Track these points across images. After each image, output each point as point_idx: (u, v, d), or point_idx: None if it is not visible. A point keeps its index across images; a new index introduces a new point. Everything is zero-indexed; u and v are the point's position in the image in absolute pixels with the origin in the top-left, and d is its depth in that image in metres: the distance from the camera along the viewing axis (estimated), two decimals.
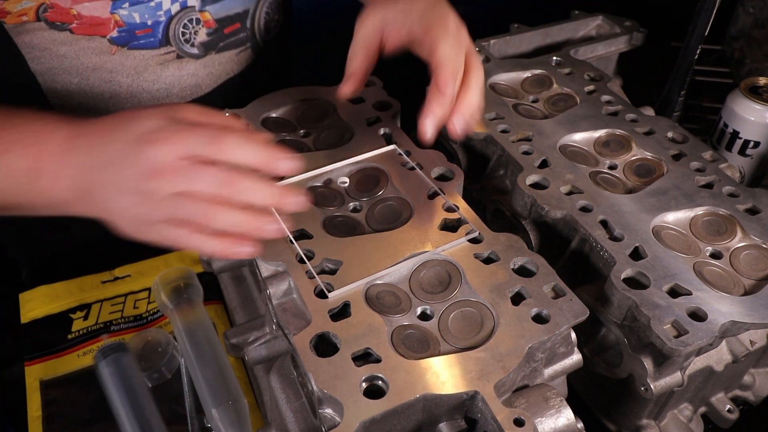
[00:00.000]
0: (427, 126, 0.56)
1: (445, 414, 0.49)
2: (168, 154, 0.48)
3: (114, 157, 0.50)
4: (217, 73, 0.83)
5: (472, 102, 0.58)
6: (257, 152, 0.50)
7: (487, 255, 0.57)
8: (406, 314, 0.53)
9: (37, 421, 0.66)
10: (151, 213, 0.49)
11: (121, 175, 0.49)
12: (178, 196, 0.48)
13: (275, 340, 0.59)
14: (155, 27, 0.74)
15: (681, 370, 0.57)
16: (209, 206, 0.48)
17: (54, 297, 0.77)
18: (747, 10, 1.07)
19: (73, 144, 0.51)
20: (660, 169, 0.69)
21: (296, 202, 0.50)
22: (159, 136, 0.48)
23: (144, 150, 0.48)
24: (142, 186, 0.48)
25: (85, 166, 0.51)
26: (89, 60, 0.73)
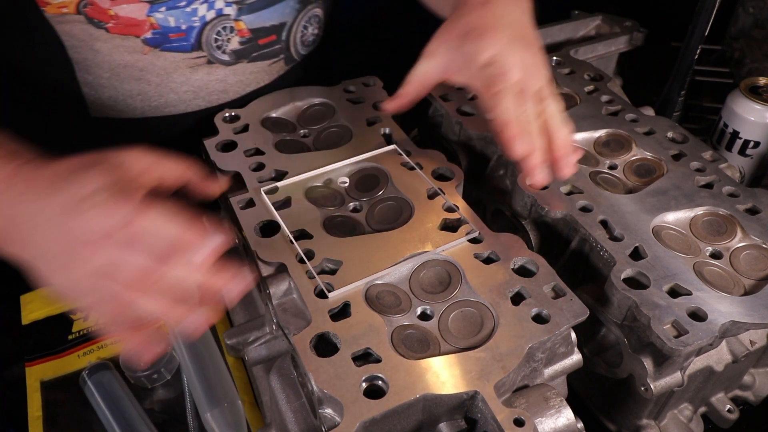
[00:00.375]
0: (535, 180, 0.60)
1: (445, 414, 0.49)
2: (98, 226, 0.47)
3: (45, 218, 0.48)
4: (246, 81, 0.83)
5: (559, 145, 0.60)
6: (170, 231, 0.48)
7: (487, 255, 0.57)
8: (406, 314, 0.53)
9: (38, 421, 0.66)
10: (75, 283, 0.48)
11: (46, 239, 0.48)
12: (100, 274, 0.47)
13: (275, 340, 0.59)
14: (189, 32, 0.75)
15: (681, 370, 0.57)
16: (129, 291, 0.47)
17: (55, 298, 0.77)
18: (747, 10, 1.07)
19: (8, 186, 0.50)
20: (660, 169, 0.69)
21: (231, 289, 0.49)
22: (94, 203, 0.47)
23: (75, 218, 0.47)
24: (65, 254, 0.47)
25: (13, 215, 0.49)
26: (122, 57, 0.74)
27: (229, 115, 0.73)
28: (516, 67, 0.59)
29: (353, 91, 0.78)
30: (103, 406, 0.64)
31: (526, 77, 0.60)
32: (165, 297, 0.47)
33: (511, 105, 0.58)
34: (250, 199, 0.62)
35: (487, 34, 0.61)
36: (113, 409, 0.64)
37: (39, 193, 0.49)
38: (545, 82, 0.62)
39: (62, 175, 0.50)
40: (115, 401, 0.65)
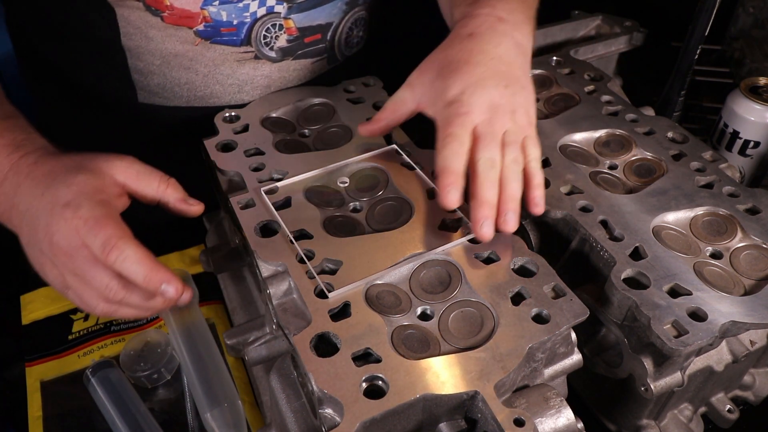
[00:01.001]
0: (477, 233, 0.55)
1: (445, 414, 0.49)
2: (66, 238, 0.52)
3: (30, 210, 0.54)
4: (289, 78, 0.85)
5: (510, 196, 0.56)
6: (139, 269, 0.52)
7: (487, 255, 0.57)
8: (406, 314, 0.53)
9: (38, 421, 0.66)
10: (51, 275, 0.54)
11: (33, 232, 0.54)
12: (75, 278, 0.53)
13: (275, 340, 0.59)
14: (240, 27, 0.77)
15: (681, 370, 0.57)
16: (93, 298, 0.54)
17: (55, 298, 0.77)
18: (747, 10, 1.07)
19: (11, 177, 0.55)
20: (660, 169, 0.69)
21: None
22: (63, 215, 0.52)
23: (50, 223, 0.52)
24: (47, 251, 0.53)
25: (12, 200, 0.55)
26: (173, 46, 0.77)
27: (229, 115, 0.73)
28: (480, 107, 0.57)
29: (353, 91, 0.78)
30: (107, 403, 0.64)
31: (492, 119, 0.57)
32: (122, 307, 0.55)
33: (452, 152, 0.55)
34: (250, 199, 0.62)
35: (461, 69, 0.59)
36: (118, 405, 0.64)
37: (32, 189, 0.54)
38: (516, 125, 0.58)
39: (54, 175, 0.55)
40: (120, 398, 0.64)
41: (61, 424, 0.66)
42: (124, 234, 0.52)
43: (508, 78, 0.59)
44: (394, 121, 0.66)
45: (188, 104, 0.83)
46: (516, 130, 0.58)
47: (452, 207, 0.55)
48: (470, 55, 0.60)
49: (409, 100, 0.64)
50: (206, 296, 0.76)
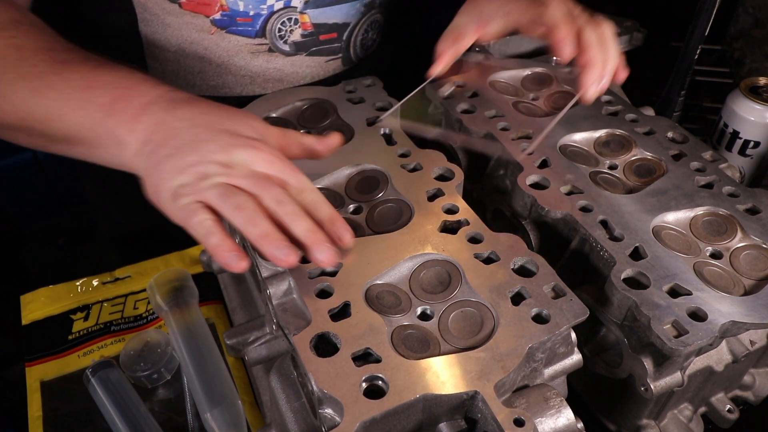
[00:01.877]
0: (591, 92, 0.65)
1: (445, 414, 0.49)
2: (252, 160, 0.51)
3: (198, 131, 0.52)
4: (302, 74, 0.86)
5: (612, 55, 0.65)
6: (327, 210, 0.53)
7: (487, 255, 0.57)
8: (406, 314, 0.53)
9: (38, 421, 0.66)
10: (193, 189, 0.50)
11: (194, 148, 0.51)
12: (229, 187, 0.50)
13: (275, 340, 0.59)
14: (256, 18, 0.78)
15: (681, 370, 0.57)
16: (252, 203, 0.50)
17: (54, 298, 0.77)
18: (747, 10, 1.07)
19: (159, 100, 0.54)
20: (660, 169, 0.69)
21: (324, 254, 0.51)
22: (255, 146, 0.52)
23: (233, 145, 0.52)
24: (207, 166, 0.50)
25: (162, 122, 0.53)
26: (189, 34, 0.78)
27: None
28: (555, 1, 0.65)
29: (353, 90, 0.78)
30: (107, 403, 0.64)
31: (564, 2, 0.65)
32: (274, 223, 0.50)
33: (558, 12, 0.63)
34: None
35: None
36: (118, 405, 0.64)
37: (200, 114, 0.54)
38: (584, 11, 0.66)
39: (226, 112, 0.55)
40: (120, 398, 0.64)
41: (61, 424, 0.66)
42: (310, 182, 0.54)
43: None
44: (457, 51, 0.69)
45: (200, 93, 0.83)
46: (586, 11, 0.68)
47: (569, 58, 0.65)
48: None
49: (468, 22, 0.68)
50: (206, 296, 0.76)
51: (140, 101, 0.55)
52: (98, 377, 0.66)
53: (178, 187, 0.51)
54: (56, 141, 0.58)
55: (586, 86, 0.63)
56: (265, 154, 0.52)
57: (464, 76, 0.80)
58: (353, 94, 0.77)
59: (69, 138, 0.57)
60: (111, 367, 0.67)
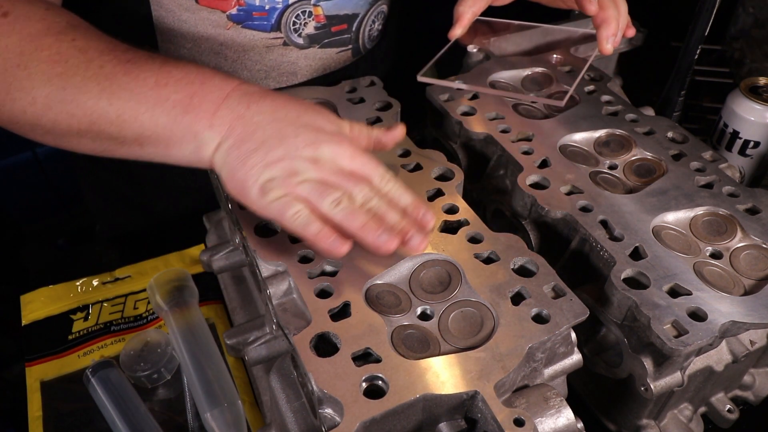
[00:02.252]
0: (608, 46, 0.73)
1: (445, 414, 0.49)
2: (337, 155, 0.53)
3: (280, 126, 0.53)
4: (315, 66, 0.86)
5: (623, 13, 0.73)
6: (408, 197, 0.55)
7: (487, 255, 0.57)
8: (406, 314, 0.53)
9: (38, 421, 0.66)
10: (284, 183, 0.51)
11: (280, 142, 0.52)
12: (322, 184, 0.52)
13: (275, 340, 0.59)
14: (271, 12, 0.78)
15: (681, 370, 0.57)
16: (346, 199, 0.52)
17: (54, 298, 0.77)
18: (747, 10, 1.07)
19: (235, 95, 0.54)
20: (660, 169, 0.69)
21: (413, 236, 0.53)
22: (338, 139, 0.53)
23: (318, 139, 0.53)
24: (296, 162, 0.52)
25: (241, 116, 0.53)
26: (205, 29, 0.78)
27: None
28: None
29: (353, 90, 0.78)
30: (107, 403, 0.64)
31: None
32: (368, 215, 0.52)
33: None
34: None
35: None
36: (118, 405, 0.64)
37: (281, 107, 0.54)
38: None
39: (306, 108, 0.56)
40: (120, 398, 0.64)
41: (61, 424, 0.66)
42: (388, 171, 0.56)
43: None
44: (476, 11, 0.73)
45: None
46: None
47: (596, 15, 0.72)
48: None
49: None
50: (206, 296, 0.76)
51: (216, 96, 0.54)
52: (98, 377, 0.66)
53: (266, 181, 0.51)
54: (127, 143, 0.57)
55: (605, 40, 0.72)
56: (349, 148, 0.54)
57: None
58: (353, 94, 0.77)
59: (143, 138, 0.56)
60: (111, 367, 0.67)
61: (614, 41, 0.73)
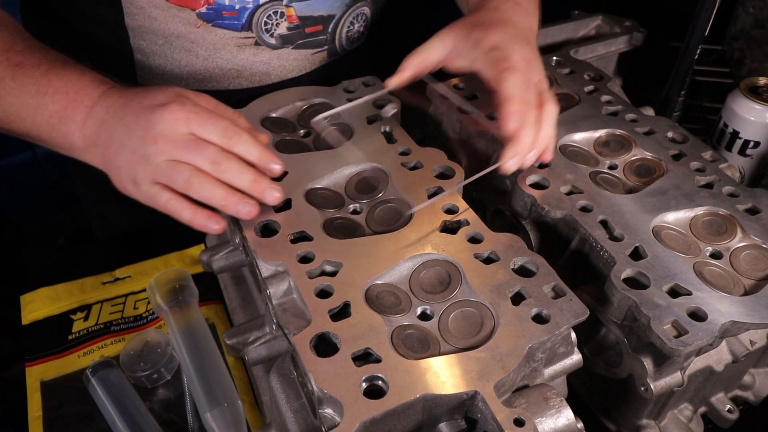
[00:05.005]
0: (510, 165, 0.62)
1: (445, 414, 0.49)
2: (171, 125, 0.56)
3: (126, 119, 0.58)
4: (289, 67, 0.86)
5: (543, 137, 0.63)
6: (255, 151, 0.58)
7: (487, 255, 0.57)
8: (406, 314, 0.53)
9: (38, 421, 0.66)
10: (144, 173, 0.56)
11: (128, 136, 0.57)
12: (170, 163, 0.56)
13: (275, 340, 0.59)
14: (242, 12, 0.78)
15: (681, 370, 0.57)
16: (196, 175, 0.55)
17: (55, 298, 0.77)
18: (747, 10, 1.07)
19: (100, 102, 0.60)
20: (660, 169, 0.69)
21: (270, 192, 0.58)
22: (167, 108, 0.56)
23: (151, 117, 0.56)
24: (141, 149, 0.56)
25: (103, 122, 0.59)
26: (176, 27, 0.78)
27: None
28: (518, 56, 0.63)
29: (353, 91, 0.78)
30: (107, 403, 0.64)
31: (528, 68, 0.63)
32: (226, 186, 0.57)
33: (518, 83, 0.61)
34: None
35: (495, 26, 0.65)
36: (118, 405, 0.64)
37: (123, 103, 0.59)
38: (543, 78, 0.65)
39: (142, 92, 0.60)
40: (120, 398, 0.65)
41: (61, 424, 0.66)
42: (235, 124, 0.59)
43: (531, 41, 0.67)
44: (420, 70, 0.68)
45: (188, 87, 0.83)
46: (545, 81, 0.65)
47: (513, 132, 0.61)
48: (500, 21, 0.67)
49: (438, 49, 0.67)
50: (206, 296, 0.76)
51: (86, 105, 0.60)
52: (98, 377, 0.66)
53: (134, 177, 0.57)
54: (21, 136, 0.63)
55: (506, 159, 0.62)
56: (180, 113, 0.56)
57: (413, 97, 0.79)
58: (353, 93, 0.77)
59: (30, 137, 0.63)
60: (111, 367, 0.67)
61: (518, 162, 0.62)
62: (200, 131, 0.56)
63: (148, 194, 0.57)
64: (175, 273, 0.74)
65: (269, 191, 0.58)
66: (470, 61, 0.65)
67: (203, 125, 0.56)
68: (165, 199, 0.57)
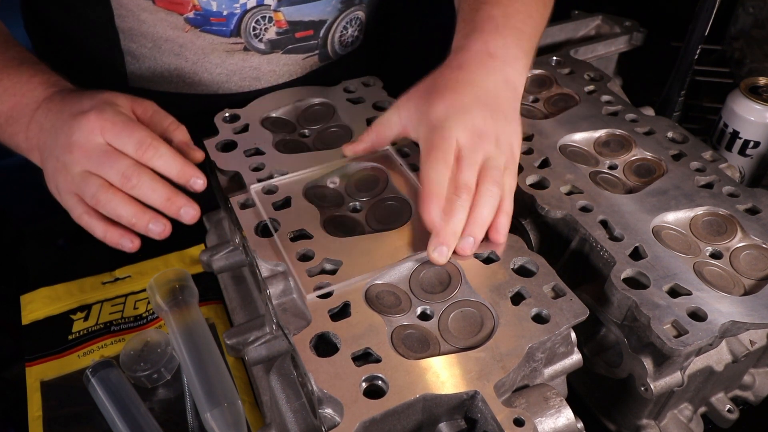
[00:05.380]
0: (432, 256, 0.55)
1: (445, 414, 0.49)
2: (87, 135, 0.55)
3: (56, 125, 0.58)
4: (279, 72, 0.86)
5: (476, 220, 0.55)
6: (175, 164, 0.56)
7: (487, 255, 0.57)
8: (406, 314, 0.53)
9: (38, 421, 0.66)
10: (64, 183, 0.56)
11: (54, 143, 0.57)
12: (83, 174, 0.55)
13: (275, 340, 0.59)
14: (230, 18, 0.78)
15: (681, 370, 0.57)
16: (104, 190, 0.55)
17: (55, 298, 0.77)
18: (747, 10, 1.07)
19: (43, 105, 0.60)
20: (660, 169, 0.69)
21: (186, 211, 0.56)
22: (86, 116, 0.55)
23: (72, 125, 0.56)
24: (62, 157, 0.56)
25: (41, 126, 0.59)
26: (164, 31, 0.78)
27: (229, 115, 0.73)
28: (463, 131, 0.56)
29: (353, 91, 0.78)
30: (107, 403, 0.64)
31: (475, 144, 0.56)
32: (136, 203, 0.55)
33: (438, 167, 0.55)
34: (250, 199, 0.62)
35: (446, 95, 0.59)
36: (118, 405, 0.64)
37: (60, 107, 0.59)
38: (500, 151, 0.57)
39: (80, 94, 0.60)
40: (120, 398, 0.65)
41: (61, 424, 0.66)
42: (155, 135, 0.56)
43: (492, 109, 0.59)
44: (378, 143, 0.65)
45: (177, 90, 0.83)
46: (498, 155, 0.57)
47: (429, 223, 0.55)
48: (456, 84, 0.60)
49: (395, 122, 0.63)
50: (206, 296, 0.76)
51: (31, 108, 0.60)
52: (98, 377, 0.66)
53: (57, 185, 0.57)
54: None
55: (429, 250, 0.54)
56: (96, 122, 0.55)
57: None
58: (353, 94, 0.77)
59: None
60: (111, 367, 0.67)
61: (445, 253, 0.54)
62: (115, 142, 0.55)
63: (68, 205, 0.57)
64: (175, 273, 0.74)
65: (185, 210, 0.56)
66: (416, 136, 0.60)
67: (118, 136, 0.55)
68: (78, 213, 0.56)
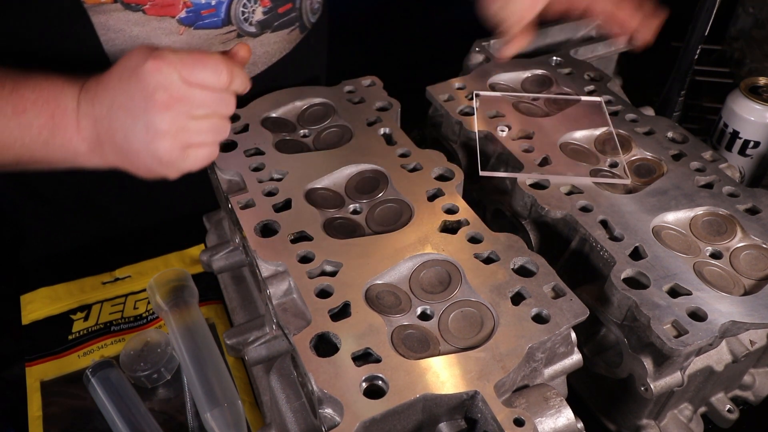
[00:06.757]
0: None
1: (445, 414, 0.49)
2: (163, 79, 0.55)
3: (118, 100, 0.56)
4: (271, 51, 0.86)
5: None
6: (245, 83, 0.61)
7: (487, 255, 0.57)
8: (406, 314, 0.53)
9: (38, 421, 0.66)
10: (173, 143, 0.56)
11: (129, 115, 0.56)
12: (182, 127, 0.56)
13: (275, 340, 0.59)
14: (219, 6, 0.78)
15: (681, 370, 0.57)
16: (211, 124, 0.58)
17: (55, 298, 0.77)
18: (747, 10, 1.07)
19: (83, 98, 0.58)
20: (660, 169, 0.69)
21: None
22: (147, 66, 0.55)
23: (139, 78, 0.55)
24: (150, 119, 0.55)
25: (95, 116, 0.58)
26: (159, 40, 0.77)
27: None
28: None
29: (353, 91, 0.78)
30: (107, 403, 0.64)
31: None
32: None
33: None
34: (250, 199, 0.62)
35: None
36: (118, 405, 0.64)
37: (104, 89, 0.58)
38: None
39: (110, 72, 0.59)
40: (120, 398, 0.65)
41: (61, 424, 0.66)
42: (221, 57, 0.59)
43: None
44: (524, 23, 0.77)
45: None
46: None
47: None
48: None
49: None
50: (206, 296, 0.76)
51: (71, 107, 0.58)
52: (98, 377, 0.66)
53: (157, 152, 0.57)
54: (10, 166, 0.60)
55: None
56: (161, 63, 0.55)
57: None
58: (353, 94, 0.77)
59: (24, 163, 0.60)
60: (111, 367, 0.67)
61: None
62: (192, 76, 0.57)
63: (188, 163, 0.59)
64: (175, 273, 0.74)
65: None
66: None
67: (195, 70, 0.57)
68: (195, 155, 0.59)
